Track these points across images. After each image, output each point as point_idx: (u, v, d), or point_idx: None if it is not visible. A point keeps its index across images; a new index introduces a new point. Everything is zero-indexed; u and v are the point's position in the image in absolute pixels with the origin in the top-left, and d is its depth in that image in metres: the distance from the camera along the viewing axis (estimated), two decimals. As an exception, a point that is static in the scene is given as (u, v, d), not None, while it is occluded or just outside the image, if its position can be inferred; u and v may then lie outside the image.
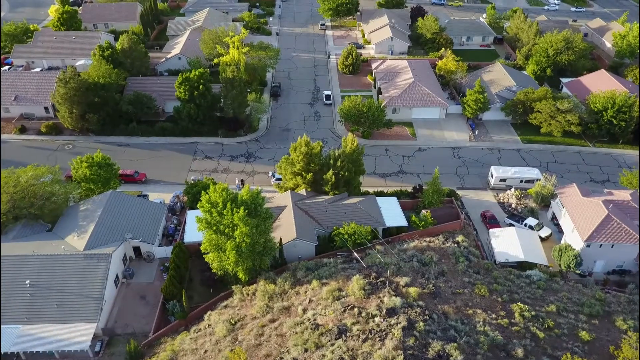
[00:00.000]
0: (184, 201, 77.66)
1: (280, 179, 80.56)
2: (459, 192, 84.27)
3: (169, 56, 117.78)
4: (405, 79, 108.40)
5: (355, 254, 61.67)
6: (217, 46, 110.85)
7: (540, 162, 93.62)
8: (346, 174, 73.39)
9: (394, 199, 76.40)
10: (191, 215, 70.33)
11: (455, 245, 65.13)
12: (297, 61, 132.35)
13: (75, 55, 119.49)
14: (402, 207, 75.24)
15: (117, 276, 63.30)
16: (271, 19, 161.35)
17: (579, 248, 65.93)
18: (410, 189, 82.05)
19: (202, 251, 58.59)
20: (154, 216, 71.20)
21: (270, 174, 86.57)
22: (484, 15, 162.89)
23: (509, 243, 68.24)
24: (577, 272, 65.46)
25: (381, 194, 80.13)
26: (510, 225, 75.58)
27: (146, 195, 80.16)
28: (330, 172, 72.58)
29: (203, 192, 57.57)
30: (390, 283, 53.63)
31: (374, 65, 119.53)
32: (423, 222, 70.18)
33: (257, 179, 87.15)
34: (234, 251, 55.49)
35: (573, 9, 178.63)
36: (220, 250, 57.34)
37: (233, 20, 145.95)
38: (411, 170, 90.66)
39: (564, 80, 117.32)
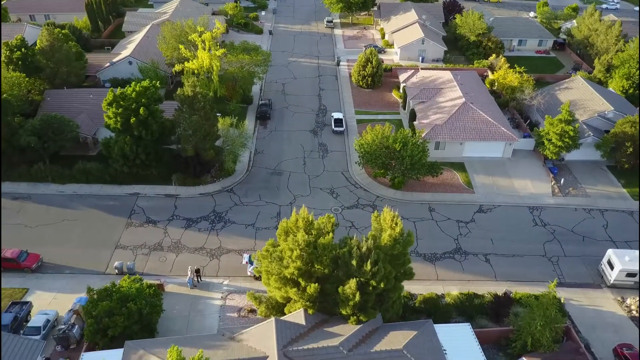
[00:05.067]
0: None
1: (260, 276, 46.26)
2: (557, 293, 50.30)
3: (115, 60, 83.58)
4: (451, 98, 74.48)
5: None
6: (180, 46, 77.09)
7: (670, 235, 59.93)
8: (382, 284, 39.32)
9: (467, 327, 41.99)
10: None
11: None
12: (296, 69, 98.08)
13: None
14: (481, 341, 41.33)
15: None
16: (263, 13, 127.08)
17: None
18: (483, 292, 48.28)
19: None
20: (14, 369, 37.08)
21: (245, 258, 52.23)
22: (532, 14, 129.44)
23: None
24: None
25: (436, 306, 46.02)
26: (679, 381, 41.75)
27: (28, 302, 46.09)
28: (353, 282, 38.49)
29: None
30: None
31: (402, 77, 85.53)
32: (533, 394, 36.24)
33: (224, 263, 53.05)
34: None
35: (636, 8, 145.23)
36: None
37: (213, 14, 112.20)
38: (474, 249, 56.59)
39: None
